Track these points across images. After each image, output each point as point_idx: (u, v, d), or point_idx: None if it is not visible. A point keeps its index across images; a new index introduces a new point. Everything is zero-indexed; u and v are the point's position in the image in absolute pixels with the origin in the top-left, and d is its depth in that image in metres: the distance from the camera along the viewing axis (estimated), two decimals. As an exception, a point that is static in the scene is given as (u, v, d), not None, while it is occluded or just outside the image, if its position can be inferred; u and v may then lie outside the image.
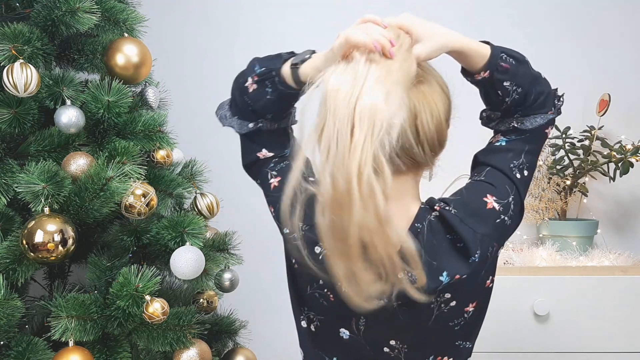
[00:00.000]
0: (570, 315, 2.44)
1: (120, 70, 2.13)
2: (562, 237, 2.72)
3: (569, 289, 2.45)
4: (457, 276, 1.32)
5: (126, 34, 2.22)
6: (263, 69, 1.38)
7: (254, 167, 1.49)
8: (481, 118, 1.49)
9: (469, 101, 1.46)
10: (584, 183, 2.81)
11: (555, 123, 2.70)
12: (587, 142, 2.80)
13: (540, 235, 2.83)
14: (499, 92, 1.37)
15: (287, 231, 1.39)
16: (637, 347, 2.43)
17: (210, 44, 3.11)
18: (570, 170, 2.80)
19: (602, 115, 2.77)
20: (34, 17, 2.05)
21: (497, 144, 1.43)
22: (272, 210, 1.45)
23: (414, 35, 1.28)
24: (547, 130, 1.43)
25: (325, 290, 1.38)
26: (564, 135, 2.79)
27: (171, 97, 2.54)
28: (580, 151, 2.80)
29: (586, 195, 2.82)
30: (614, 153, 2.70)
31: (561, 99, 1.44)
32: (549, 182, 2.80)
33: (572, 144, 2.81)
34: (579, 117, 2.89)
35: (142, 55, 2.16)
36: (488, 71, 1.34)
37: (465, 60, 1.35)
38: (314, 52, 1.35)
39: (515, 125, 1.40)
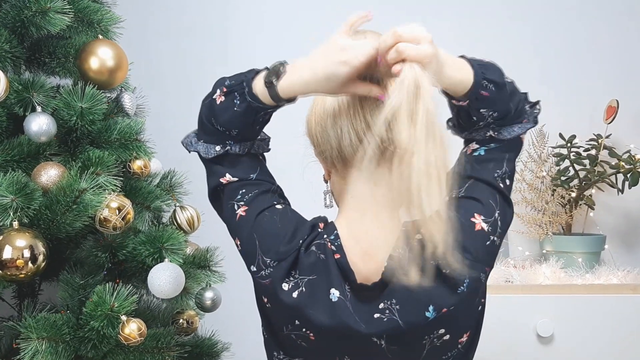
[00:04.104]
0: (576, 336, 2.46)
1: (94, 75, 2.14)
2: (567, 253, 2.74)
3: (574, 309, 2.47)
4: (445, 309, 1.31)
5: (101, 36, 2.23)
6: (233, 81, 1.39)
7: (217, 197, 1.50)
8: (449, 127, 1.49)
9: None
10: (590, 195, 2.84)
11: (560, 131, 2.75)
12: (593, 152, 2.83)
13: (544, 251, 2.85)
14: (474, 117, 1.38)
15: (255, 269, 1.39)
16: (648, 370, 2.46)
17: (190, 46, 3.13)
18: (575, 181, 2.83)
19: (609, 123, 2.80)
20: (2, 17, 2.07)
21: (476, 154, 1.43)
22: (239, 243, 1.45)
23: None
24: (522, 136, 1.45)
25: (304, 329, 1.37)
26: (569, 145, 2.82)
27: (149, 104, 2.55)
28: (586, 161, 2.83)
29: (593, 209, 2.84)
30: (623, 163, 2.73)
31: (537, 107, 1.46)
32: (553, 195, 2.82)
33: (578, 154, 2.84)
34: (585, 124, 2.93)
35: (117, 58, 2.17)
36: (467, 100, 1.35)
37: (450, 88, 1.36)
38: (285, 62, 1.35)
39: (493, 135, 1.41)
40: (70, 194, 1.92)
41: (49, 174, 1.98)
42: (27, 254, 1.83)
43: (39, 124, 1.98)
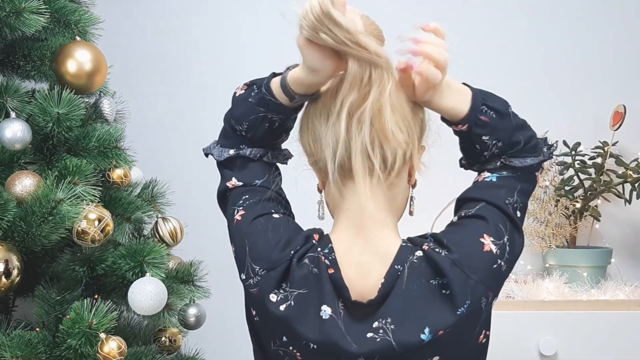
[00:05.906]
0: (580, 355, 2.46)
1: (71, 79, 2.14)
2: (571, 267, 2.75)
3: (578, 326, 2.48)
4: (441, 332, 1.31)
5: (78, 38, 2.23)
6: (258, 78, 1.47)
7: (223, 199, 1.54)
8: (462, 165, 1.55)
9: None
10: (595, 206, 2.85)
11: (564, 138, 2.75)
12: (599, 160, 2.84)
13: (547, 265, 2.86)
14: (477, 145, 1.43)
15: (244, 277, 1.41)
16: (656, 390, 2.46)
17: (172, 49, 3.14)
18: (580, 191, 2.84)
19: (616, 130, 2.81)
20: (-27, 18, 2.07)
21: (487, 179, 1.46)
22: (234, 249, 1.47)
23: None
24: (537, 174, 1.49)
25: (291, 348, 1.37)
26: (573, 152, 2.83)
27: (129, 109, 2.55)
28: (591, 170, 2.84)
29: (598, 220, 2.85)
30: (630, 172, 2.73)
31: (552, 147, 1.50)
32: (556, 205, 2.83)
33: (583, 162, 2.85)
34: (591, 131, 2.94)
35: (96, 61, 2.17)
36: (466, 125, 1.40)
37: (443, 113, 1.44)
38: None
39: (505, 162, 1.44)
40: (46, 205, 1.91)
41: (24, 183, 1.98)
42: (0, 268, 1.83)
43: (13, 131, 1.98)
